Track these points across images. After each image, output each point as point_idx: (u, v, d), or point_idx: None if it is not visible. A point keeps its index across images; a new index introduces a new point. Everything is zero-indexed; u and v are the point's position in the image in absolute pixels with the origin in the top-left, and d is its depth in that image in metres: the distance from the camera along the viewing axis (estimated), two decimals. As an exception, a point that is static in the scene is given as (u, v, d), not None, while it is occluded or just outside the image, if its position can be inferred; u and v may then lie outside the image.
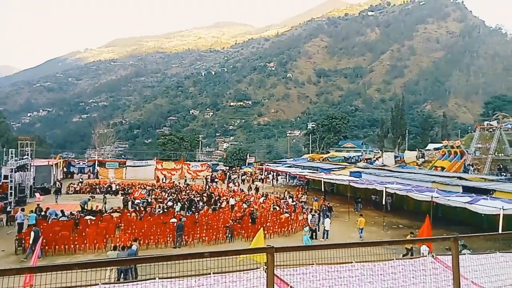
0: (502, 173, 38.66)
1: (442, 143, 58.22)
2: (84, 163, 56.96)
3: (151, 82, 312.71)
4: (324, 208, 22.14)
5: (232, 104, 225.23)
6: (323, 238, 20.64)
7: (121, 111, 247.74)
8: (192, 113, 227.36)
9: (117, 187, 40.20)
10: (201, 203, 27.99)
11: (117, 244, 15.18)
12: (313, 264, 5.90)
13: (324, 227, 20.97)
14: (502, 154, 41.23)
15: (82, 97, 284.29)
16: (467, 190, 23.20)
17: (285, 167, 50.87)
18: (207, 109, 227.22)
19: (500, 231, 14.98)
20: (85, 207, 25.72)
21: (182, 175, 57.33)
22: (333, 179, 33.93)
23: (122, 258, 10.65)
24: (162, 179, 52.36)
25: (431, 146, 61.81)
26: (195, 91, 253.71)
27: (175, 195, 32.48)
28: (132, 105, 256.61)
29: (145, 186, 40.58)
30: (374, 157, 62.50)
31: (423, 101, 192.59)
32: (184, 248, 18.05)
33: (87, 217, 21.24)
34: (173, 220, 20.21)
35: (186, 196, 31.92)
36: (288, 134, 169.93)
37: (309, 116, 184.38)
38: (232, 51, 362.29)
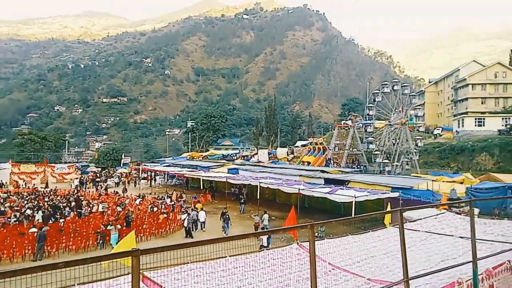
0: (357, 166, 44.84)
1: (308, 140, 64.43)
2: None
3: (4, 73, 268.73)
4: (226, 217, 22.23)
5: (105, 100, 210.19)
6: (201, 228, 21.98)
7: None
8: (58, 109, 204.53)
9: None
10: (67, 209, 25.41)
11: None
12: (188, 262, 5.97)
13: (199, 219, 22.04)
14: (356, 149, 47.75)
15: None
16: (328, 181, 26.23)
17: (164, 166, 49.79)
18: (76, 105, 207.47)
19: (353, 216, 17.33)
20: None
21: (45, 179, 51.27)
22: (211, 177, 34.57)
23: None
24: (21, 184, 46.02)
25: (299, 143, 68.01)
26: (60, 85, 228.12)
27: (36, 202, 28.76)
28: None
29: (-4, 193, 34.90)
30: (250, 154, 65.69)
31: (292, 102, 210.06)
32: (46, 259, 16.28)
33: None
34: (33, 229, 17.93)
35: (50, 202, 28.55)
36: (167, 133, 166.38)
37: (189, 115, 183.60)
38: (104, 44, 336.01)
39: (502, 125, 47.92)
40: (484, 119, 50.58)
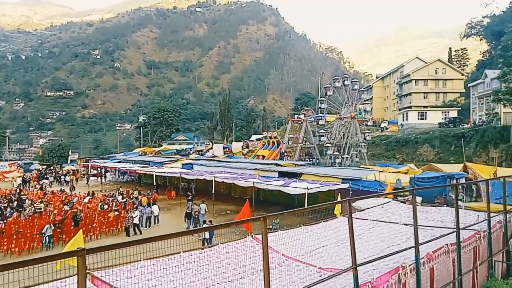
0: (310, 159, 46.00)
1: (262, 134, 65.12)
2: None
3: None
4: (195, 217, 21.55)
5: (49, 94, 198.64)
6: (155, 223, 22.29)
7: None
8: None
9: None
10: (9, 209, 23.83)
11: None
12: (141, 260, 5.84)
13: (153, 213, 22.37)
14: (308, 143, 48.95)
15: None
16: (282, 174, 26.69)
17: (115, 162, 48.13)
18: (17, 99, 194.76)
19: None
20: None
21: (-18, 178, 47.77)
22: (165, 172, 33.90)
23: None
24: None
25: (254, 137, 68.57)
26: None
27: (-28, 204, 26.62)
28: None
29: None
30: (205, 149, 65.19)
31: (247, 96, 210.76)
32: (-15, 264, 15.16)
33: None
34: (-31, 233, 16.65)
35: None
36: (117, 128, 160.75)
37: (140, 109, 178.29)
38: (47, 34, 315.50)
39: (442, 118, 51.45)
40: (426, 113, 53.90)
